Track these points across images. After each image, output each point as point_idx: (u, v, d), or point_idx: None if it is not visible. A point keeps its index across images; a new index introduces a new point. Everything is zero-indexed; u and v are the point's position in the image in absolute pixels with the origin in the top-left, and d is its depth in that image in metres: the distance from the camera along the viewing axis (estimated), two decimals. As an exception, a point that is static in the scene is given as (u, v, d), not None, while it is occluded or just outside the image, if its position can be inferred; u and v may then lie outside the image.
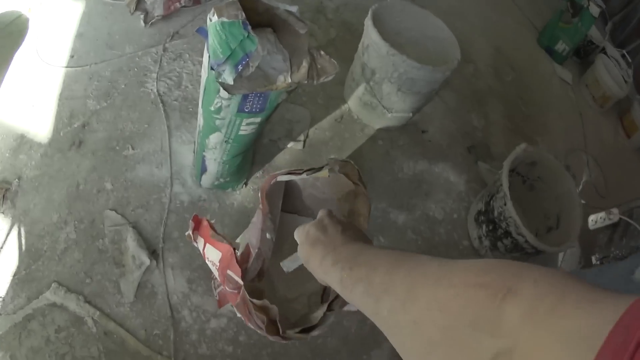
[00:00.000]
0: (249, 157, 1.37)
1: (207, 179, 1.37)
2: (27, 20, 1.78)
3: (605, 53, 2.73)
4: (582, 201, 1.86)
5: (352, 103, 1.85)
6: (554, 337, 0.29)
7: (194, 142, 1.42)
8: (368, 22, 1.56)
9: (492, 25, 2.70)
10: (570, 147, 2.28)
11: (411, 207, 1.69)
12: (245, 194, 1.49)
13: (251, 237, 0.85)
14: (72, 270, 1.25)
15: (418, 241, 1.63)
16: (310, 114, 1.77)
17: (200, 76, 1.15)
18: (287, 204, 1.08)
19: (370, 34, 1.54)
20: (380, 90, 1.65)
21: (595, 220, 1.81)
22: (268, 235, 0.84)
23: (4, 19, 1.77)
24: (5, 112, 1.49)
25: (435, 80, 1.57)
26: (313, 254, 0.63)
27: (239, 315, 0.79)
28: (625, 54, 2.75)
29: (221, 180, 1.35)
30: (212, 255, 0.87)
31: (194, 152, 1.43)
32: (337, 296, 0.81)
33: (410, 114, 1.76)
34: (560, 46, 2.73)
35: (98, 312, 1.21)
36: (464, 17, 2.59)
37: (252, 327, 0.78)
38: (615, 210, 1.79)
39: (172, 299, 1.27)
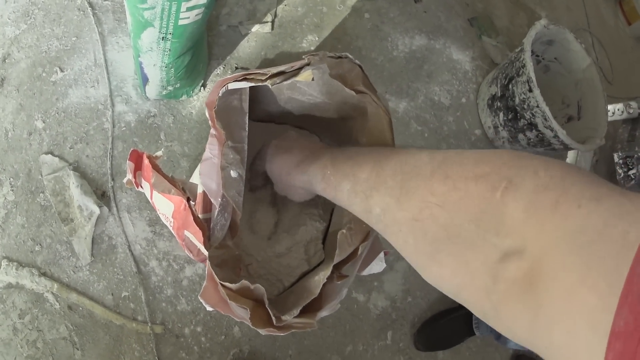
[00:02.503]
0: (201, 52, 1.13)
1: (152, 90, 1.14)
2: None
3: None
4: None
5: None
6: (562, 242, 0.29)
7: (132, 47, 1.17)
8: None
9: None
10: (575, 26, 2.05)
11: (412, 91, 1.49)
12: (204, 98, 1.27)
13: (208, 179, 0.63)
14: (18, 239, 1.08)
15: (425, 133, 1.46)
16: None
17: None
18: (257, 111, 0.87)
19: None
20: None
21: (613, 111, 1.74)
22: (233, 173, 0.62)
23: None
24: None
25: None
26: (287, 159, 0.58)
27: (209, 309, 0.60)
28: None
29: (169, 88, 1.13)
30: (163, 206, 0.68)
31: (133, 59, 1.18)
32: (350, 252, 0.64)
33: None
34: None
35: (56, 285, 1.06)
36: None
37: (235, 318, 0.61)
38: (634, 104, 1.72)
39: (134, 250, 1.11)
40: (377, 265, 0.75)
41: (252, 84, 0.62)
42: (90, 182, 1.13)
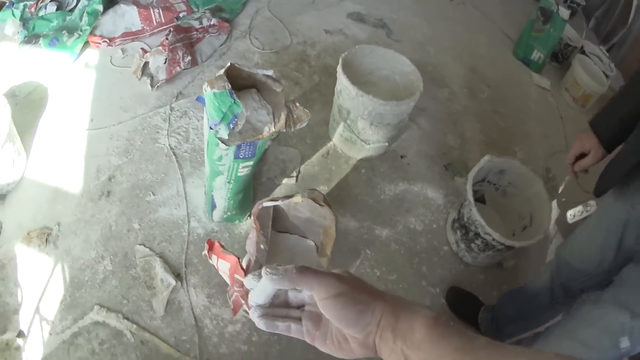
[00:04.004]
0: (249, 193, 1.86)
1: (217, 214, 1.86)
2: (46, 89, 2.34)
3: (584, 52, 3.13)
4: (563, 199, 2.26)
5: (336, 140, 2.34)
6: None
7: (204, 185, 1.93)
8: (339, 69, 2.06)
9: (466, 46, 3.20)
10: (552, 150, 2.71)
11: (393, 222, 2.15)
12: (249, 224, 1.98)
13: (249, 249, 1.33)
14: (111, 294, 1.74)
15: (401, 251, 2.08)
16: (300, 153, 2.27)
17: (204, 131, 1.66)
18: (279, 225, 1.57)
19: (342, 80, 2.03)
20: (357, 127, 2.13)
21: (574, 214, 2.09)
22: (262, 246, 1.33)
23: (24, 88, 2.33)
24: (40, 171, 2.02)
25: (402, 112, 2.04)
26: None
27: (244, 311, 1.24)
28: (602, 49, 3.16)
29: (228, 213, 1.84)
30: (224, 266, 1.35)
31: (204, 194, 1.93)
32: None
33: (386, 143, 2.25)
34: (536, 55, 3.16)
35: (135, 326, 1.68)
36: (438, 43, 3.11)
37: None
38: (592, 202, 1.86)
39: (195, 311, 1.74)
40: None
41: (274, 203, 1.32)
42: (170, 267, 1.81)
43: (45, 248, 1.83)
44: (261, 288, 0.60)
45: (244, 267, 1.29)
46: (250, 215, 1.99)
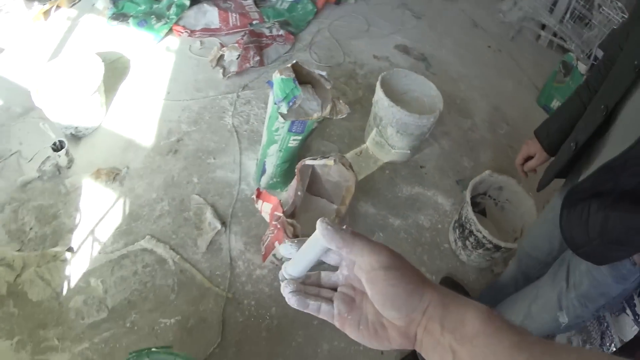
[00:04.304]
0: (293, 166, 2.32)
1: (264, 180, 2.32)
2: (129, 60, 2.89)
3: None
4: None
5: (369, 143, 2.80)
6: None
7: (257, 158, 2.40)
8: (378, 84, 2.54)
9: (494, 87, 3.64)
10: None
11: (405, 216, 2.58)
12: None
13: (289, 193, 1.78)
14: (163, 229, 2.19)
15: (408, 239, 2.50)
16: (338, 148, 2.73)
17: (264, 117, 2.14)
18: (313, 189, 2.02)
19: (378, 92, 2.50)
20: (386, 132, 2.59)
21: None
22: (299, 193, 1.77)
23: (109, 56, 2.88)
24: (116, 124, 2.54)
25: (423, 124, 2.49)
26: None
27: (273, 256, 1.68)
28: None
29: (274, 180, 2.30)
30: (266, 207, 1.81)
31: (256, 164, 2.40)
32: None
33: (409, 152, 2.69)
34: (555, 104, 3.56)
35: (178, 256, 2.11)
36: (469, 81, 3.56)
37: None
38: None
39: (232, 253, 2.18)
40: None
41: (313, 162, 1.78)
42: (218, 215, 2.27)
43: (112, 184, 2.31)
44: (305, 252, 0.59)
45: (282, 205, 1.74)
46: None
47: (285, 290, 0.60)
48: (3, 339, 1.87)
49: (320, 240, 0.54)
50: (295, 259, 0.60)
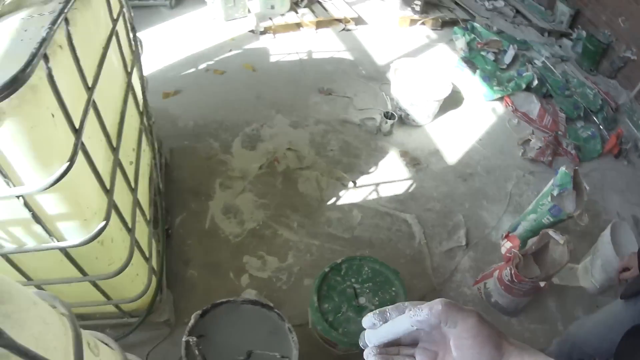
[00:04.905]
0: (534, 235, 2.79)
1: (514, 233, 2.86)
2: (464, 98, 3.70)
3: None
4: None
5: (581, 264, 3.03)
6: None
7: (514, 219, 2.95)
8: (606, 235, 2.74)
9: None
10: None
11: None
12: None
13: (529, 244, 2.28)
14: (426, 218, 2.96)
15: None
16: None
17: (533, 198, 2.68)
18: (537, 251, 2.48)
19: (606, 237, 2.72)
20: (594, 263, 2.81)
21: None
22: (533, 247, 2.27)
23: (453, 87, 3.68)
24: (435, 133, 3.40)
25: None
26: None
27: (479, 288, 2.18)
28: None
29: (521, 237, 2.82)
30: (507, 245, 2.33)
31: (511, 222, 2.94)
32: None
33: (599, 286, 2.82)
34: None
35: (425, 241, 2.84)
36: None
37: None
38: None
39: (458, 265, 2.81)
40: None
41: (552, 234, 2.25)
42: (468, 237, 2.86)
43: (409, 167, 3.19)
44: (389, 329, 0.63)
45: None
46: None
47: (369, 356, 0.66)
48: (254, 193, 2.87)
49: (409, 326, 0.61)
50: (382, 331, 0.64)
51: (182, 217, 2.82)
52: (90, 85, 1.49)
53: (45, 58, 1.16)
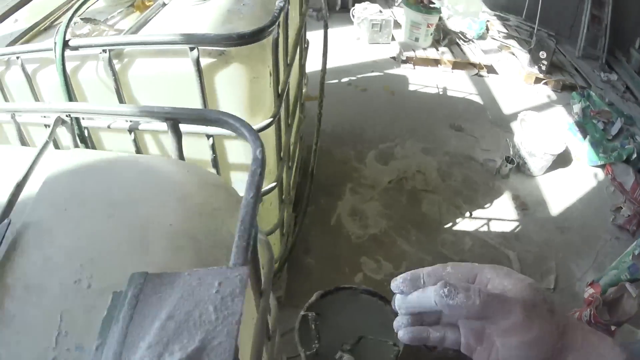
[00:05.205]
0: (612, 286, 3.38)
1: (600, 281, 3.45)
2: (572, 159, 4.26)
3: None
4: None
5: None
6: None
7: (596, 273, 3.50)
8: None
9: None
10: None
11: None
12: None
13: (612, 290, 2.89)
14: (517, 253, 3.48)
15: None
16: None
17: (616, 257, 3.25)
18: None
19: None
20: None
21: None
22: (611, 295, 2.87)
23: (561, 148, 4.26)
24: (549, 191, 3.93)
25: None
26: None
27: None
28: None
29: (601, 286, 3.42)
30: (589, 291, 2.94)
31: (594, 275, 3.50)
32: None
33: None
34: None
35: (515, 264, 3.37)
36: None
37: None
38: None
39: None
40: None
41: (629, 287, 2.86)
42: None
43: (518, 210, 3.78)
44: (419, 300, 0.54)
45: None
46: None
47: (400, 328, 0.58)
48: (380, 203, 3.47)
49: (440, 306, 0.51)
50: (411, 300, 0.55)
51: (311, 210, 3.26)
52: (289, 62, 1.68)
53: (278, 25, 1.26)
